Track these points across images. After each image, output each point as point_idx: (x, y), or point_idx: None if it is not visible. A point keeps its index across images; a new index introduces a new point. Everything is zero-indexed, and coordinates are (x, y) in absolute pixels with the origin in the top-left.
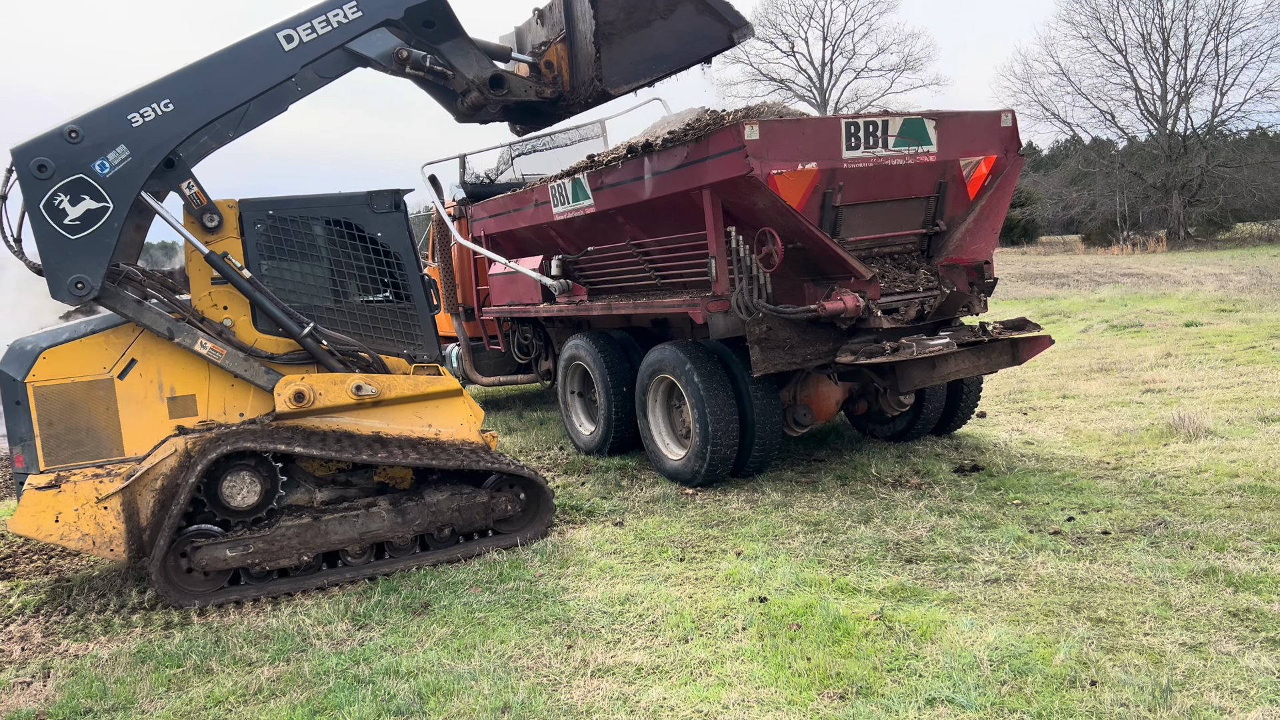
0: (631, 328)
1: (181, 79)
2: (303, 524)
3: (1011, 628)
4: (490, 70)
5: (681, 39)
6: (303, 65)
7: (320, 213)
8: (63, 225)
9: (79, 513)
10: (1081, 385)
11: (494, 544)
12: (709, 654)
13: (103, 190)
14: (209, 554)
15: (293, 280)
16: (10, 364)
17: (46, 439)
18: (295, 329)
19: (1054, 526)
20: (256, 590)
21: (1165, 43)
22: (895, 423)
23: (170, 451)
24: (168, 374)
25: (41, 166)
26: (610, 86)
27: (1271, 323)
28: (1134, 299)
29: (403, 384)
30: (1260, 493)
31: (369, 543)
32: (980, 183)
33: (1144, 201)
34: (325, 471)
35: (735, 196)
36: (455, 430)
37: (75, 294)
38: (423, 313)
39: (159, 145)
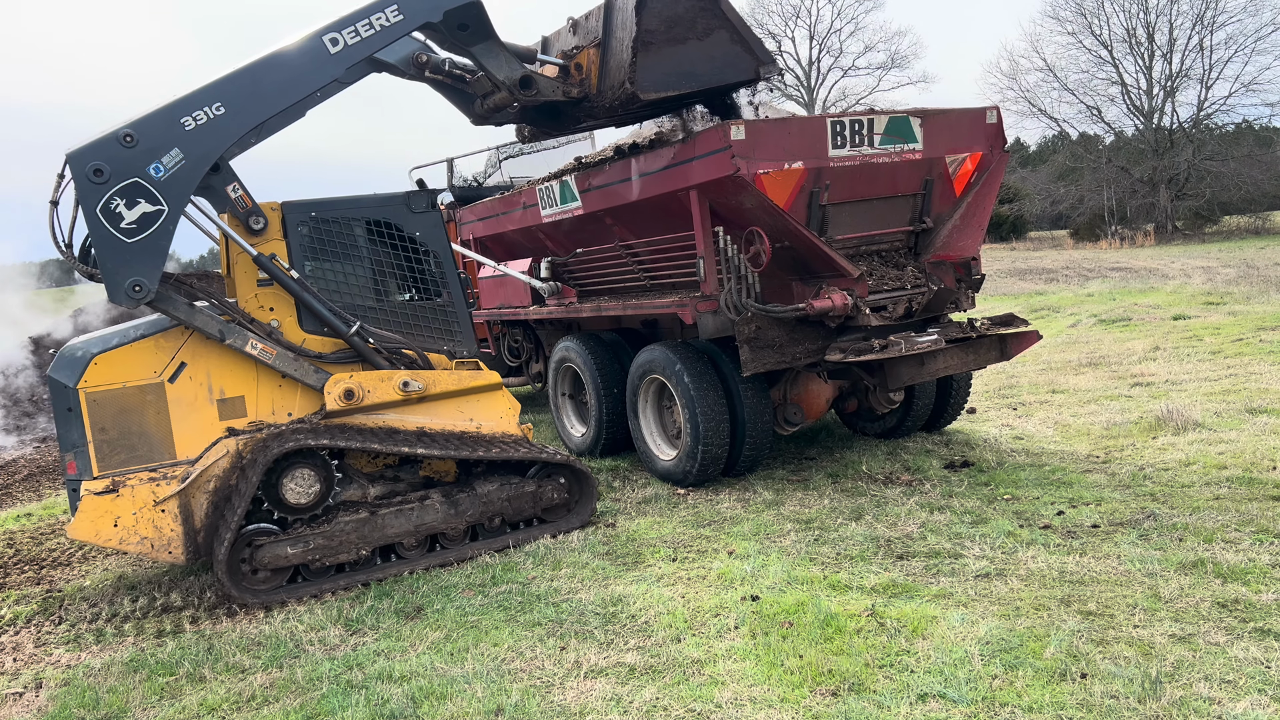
0: (621, 329)
1: (232, 82)
2: (360, 519)
3: (1002, 622)
4: (520, 71)
5: (713, 63)
6: (347, 68)
7: (360, 213)
8: (119, 229)
9: (137, 516)
10: (1070, 380)
11: (542, 531)
12: (702, 653)
13: (158, 193)
14: (270, 552)
15: (335, 280)
16: (61, 371)
17: (99, 445)
18: (343, 328)
19: (1044, 521)
20: (316, 586)
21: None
22: (885, 420)
23: (222, 453)
24: (217, 376)
25: (98, 171)
26: (640, 90)
27: (1259, 315)
28: (1122, 293)
29: (447, 379)
30: (1248, 484)
31: (423, 535)
32: (966, 179)
33: (1131, 196)
34: (373, 468)
35: (722, 196)
36: (496, 423)
37: (133, 297)
38: (460, 309)
39: (211, 148)
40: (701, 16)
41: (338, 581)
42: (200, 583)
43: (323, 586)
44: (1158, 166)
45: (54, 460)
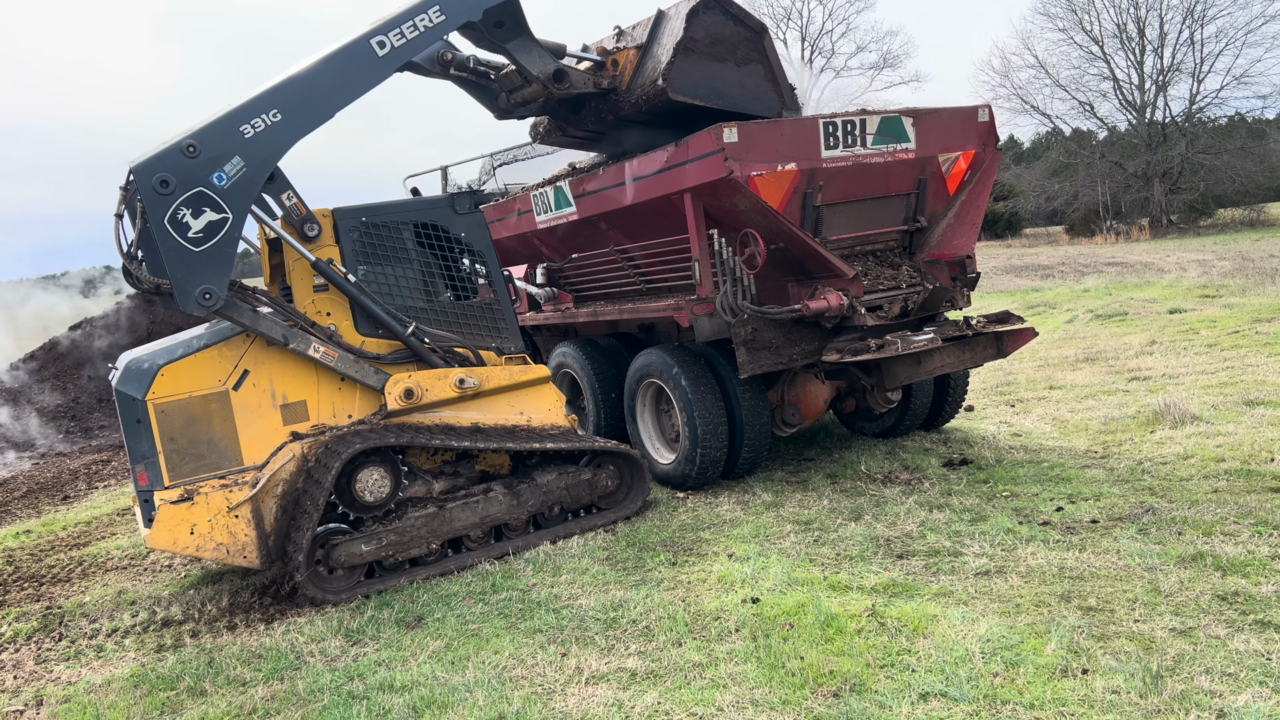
0: (618, 333)
1: (286, 88)
2: (429, 514)
3: (1003, 619)
4: (554, 65)
5: (743, 90)
6: (396, 69)
7: (408, 216)
8: (187, 238)
9: (212, 523)
10: (1068, 375)
11: (600, 519)
12: (703, 657)
13: (222, 202)
14: (346, 550)
15: (387, 283)
16: (128, 383)
17: (169, 454)
18: (399, 329)
19: (1043, 517)
20: (391, 581)
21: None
22: (883, 419)
23: (288, 457)
24: (279, 382)
25: (164, 182)
26: (670, 88)
27: (1254, 307)
28: (1118, 288)
29: (499, 374)
30: (1246, 476)
31: (488, 526)
32: (960, 178)
33: (1126, 191)
34: (432, 464)
35: (716, 199)
36: (545, 415)
37: (204, 304)
38: (506, 307)
39: (270, 154)
40: (744, 46)
41: (410, 575)
42: (200, 596)
43: (397, 581)
44: (1151, 161)
45: (53, 476)
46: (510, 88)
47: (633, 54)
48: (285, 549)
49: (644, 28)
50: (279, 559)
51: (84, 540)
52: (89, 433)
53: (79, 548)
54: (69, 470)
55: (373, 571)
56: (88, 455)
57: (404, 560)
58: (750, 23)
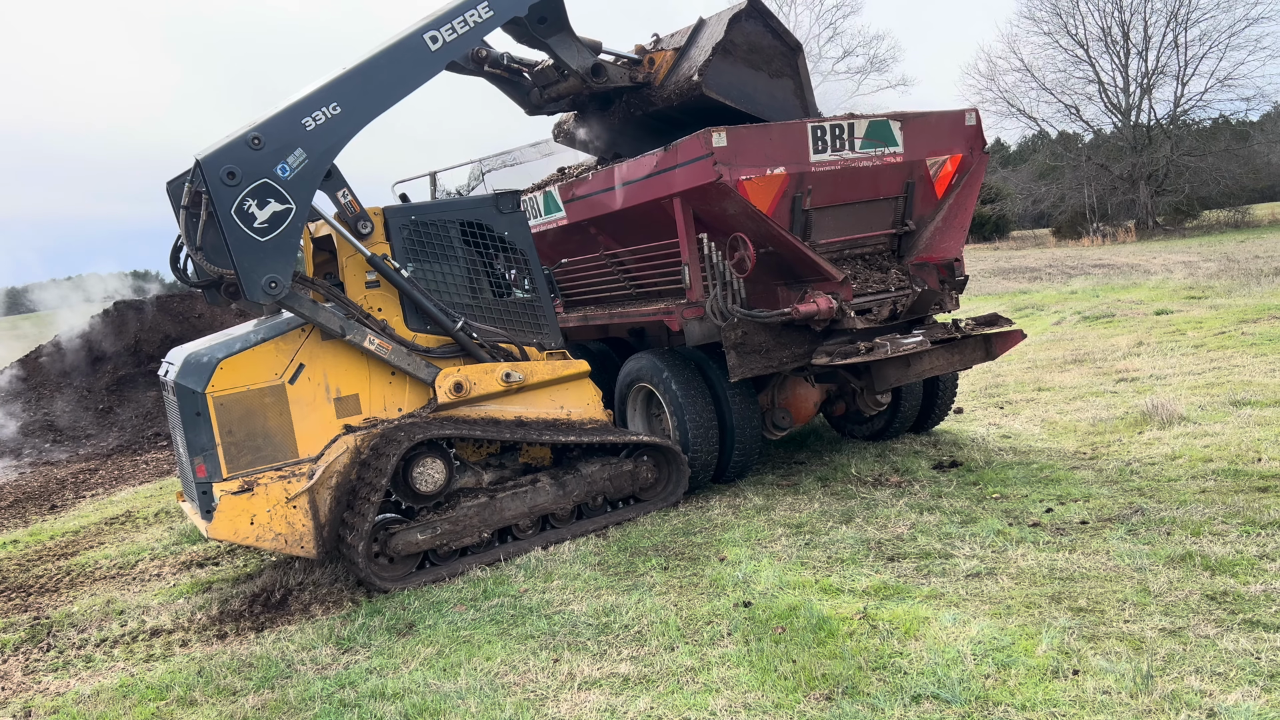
0: (609, 338)
1: (345, 82)
2: (480, 503)
3: (994, 621)
4: (592, 60)
5: (772, 101)
6: (446, 64)
7: (454, 215)
8: (253, 229)
9: (271, 514)
10: (1056, 377)
11: (641, 509)
12: (695, 661)
13: (286, 192)
14: (403, 539)
15: (434, 279)
16: (188, 377)
17: (227, 447)
18: (449, 324)
19: (1033, 518)
20: (446, 569)
21: (1125, 35)
22: (873, 422)
23: (342, 449)
24: (333, 376)
25: (231, 174)
26: (705, 84)
27: (1240, 308)
28: (1105, 290)
29: (543, 369)
30: (1234, 476)
31: (536, 516)
32: (947, 181)
33: (1112, 193)
34: (479, 456)
35: (705, 203)
36: (584, 409)
37: (270, 293)
38: (546, 303)
39: (331, 146)
40: (779, 59)
41: (464, 564)
42: (190, 605)
43: (452, 569)
44: (1137, 163)
45: (39, 486)
46: (545, 83)
47: (670, 55)
48: (341, 539)
49: (683, 34)
50: (334, 549)
51: (72, 550)
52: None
53: (67, 557)
54: (56, 479)
55: (424, 562)
56: (75, 464)
57: (457, 549)
58: (788, 39)
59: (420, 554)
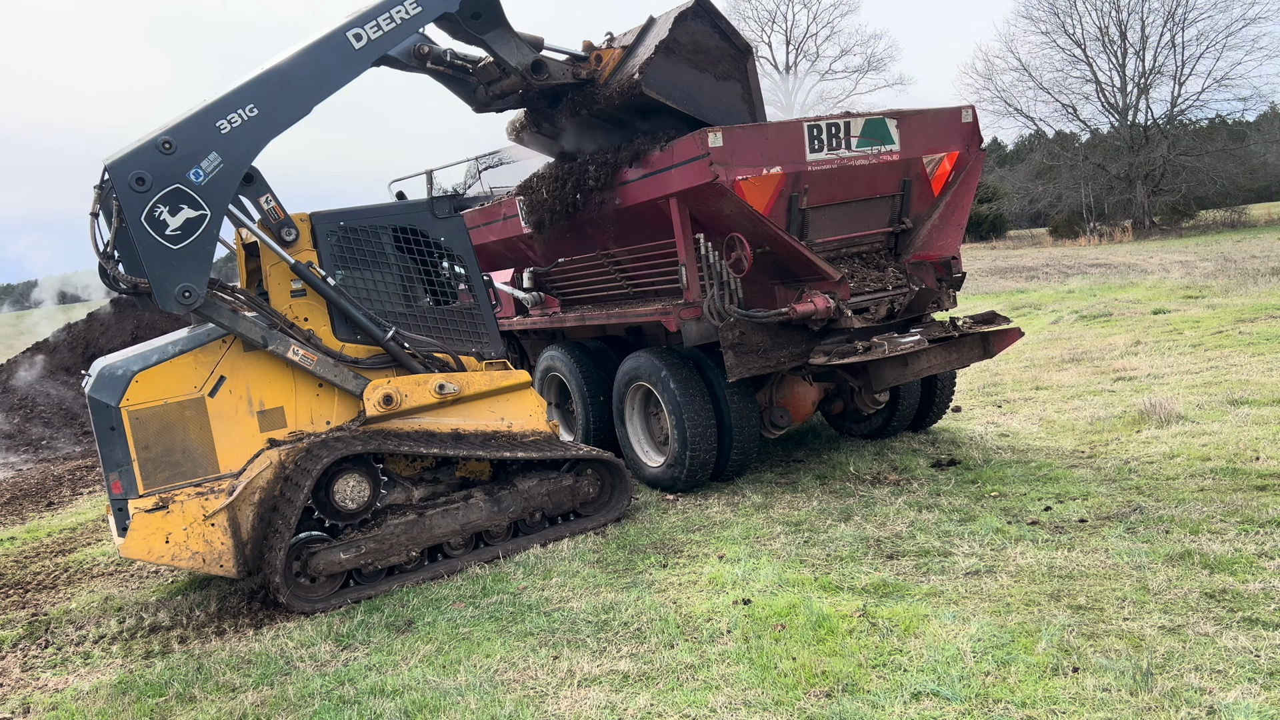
0: (606, 337)
1: (262, 83)
2: (408, 521)
3: (993, 619)
4: (532, 56)
5: (718, 104)
6: (372, 62)
7: (386, 221)
8: (164, 236)
9: (188, 531)
10: (1054, 376)
11: (582, 525)
12: (695, 658)
13: (199, 198)
14: (324, 558)
15: (365, 287)
16: (102, 390)
17: (144, 462)
18: (379, 334)
19: (1031, 517)
20: (370, 589)
21: (1123, 35)
22: (871, 420)
23: (265, 464)
24: (256, 388)
25: (140, 179)
26: (645, 83)
27: (1237, 308)
28: (1102, 289)
29: (480, 380)
30: (1232, 475)
31: (469, 533)
32: (944, 179)
33: (1109, 192)
34: (412, 470)
35: (702, 203)
36: (525, 421)
37: (183, 302)
38: (486, 311)
39: (248, 150)
40: (726, 61)
41: (390, 584)
42: (188, 602)
43: (376, 589)
44: (1134, 163)
45: (36, 483)
46: (488, 80)
47: (618, 53)
48: (263, 558)
49: (634, 33)
50: (256, 568)
51: (69, 547)
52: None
53: (64, 554)
54: (53, 476)
55: (348, 581)
56: (72, 461)
57: (384, 568)
58: (736, 41)
59: (344, 574)
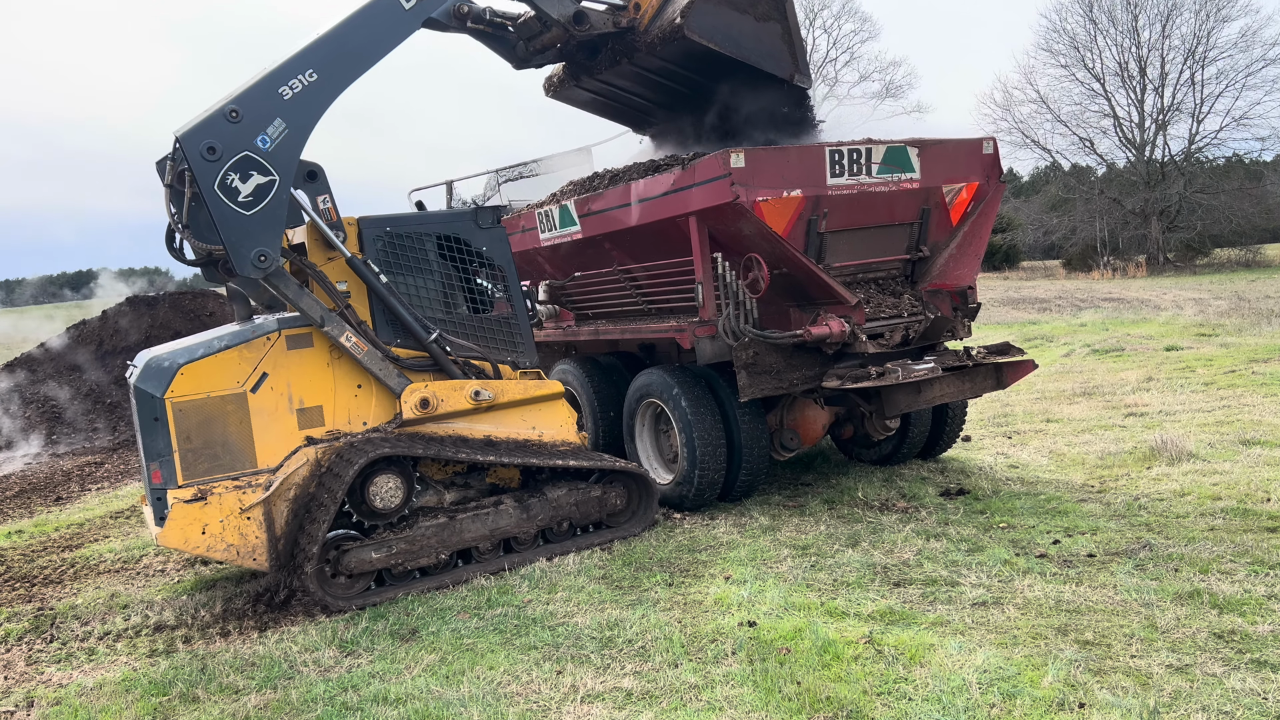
0: (619, 353)
1: (320, 48)
2: (439, 524)
3: (999, 650)
4: (573, 8)
5: (759, 45)
6: (423, 22)
7: (432, 228)
8: (237, 203)
9: (224, 524)
10: (1065, 409)
11: (609, 536)
12: (699, 679)
13: (268, 164)
14: (356, 557)
15: (408, 292)
16: (148, 381)
17: (184, 453)
18: (424, 335)
19: (1040, 549)
20: (401, 589)
21: (1142, 71)
22: (881, 446)
23: (302, 461)
24: (297, 386)
25: (211, 149)
26: (688, 27)
27: (1251, 347)
28: (1115, 323)
29: (514, 388)
30: (1242, 515)
31: (498, 539)
32: (963, 209)
33: (1123, 227)
34: (444, 474)
35: (721, 223)
36: (556, 431)
37: (260, 266)
38: (523, 322)
39: (311, 114)
40: (765, 1)
41: (419, 585)
42: (194, 602)
43: (407, 589)
44: (1149, 198)
45: (45, 477)
46: (529, 35)
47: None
48: (294, 553)
49: None
50: (288, 563)
51: (76, 542)
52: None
53: (71, 549)
54: (61, 471)
55: (381, 580)
56: (81, 457)
57: (412, 569)
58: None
59: (375, 572)
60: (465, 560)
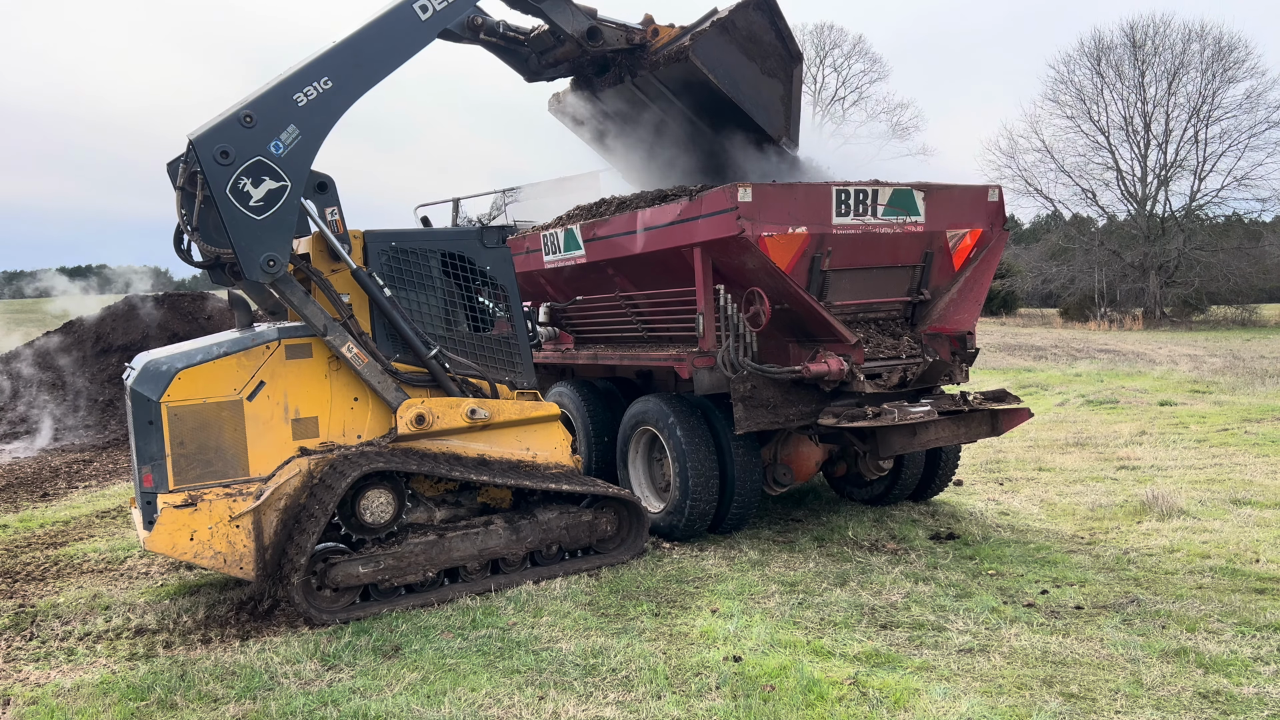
0: (616, 378)
1: (336, 55)
2: (429, 541)
3: (984, 699)
4: (588, 23)
5: (757, 96)
6: (439, 33)
7: (436, 245)
8: (249, 207)
9: (213, 531)
10: (1057, 458)
11: (598, 561)
12: (682, 712)
13: (280, 170)
14: (343, 571)
15: (409, 308)
16: (145, 384)
17: (177, 458)
18: (424, 350)
19: (1028, 599)
20: (386, 605)
21: (1147, 127)
22: (873, 486)
23: (294, 472)
24: (294, 396)
25: (224, 153)
26: (693, 51)
27: (1244, 406)
28: (1110, 375)
29: (510, 408)
30: (1231, 575)
31: (486, 559)
32: (965, 254)
33: (1122, 279)
34: (435, 491)
35: (726, 256)
36: (550, 453)
37: (269, 271)
38: (523, 342)
39: (324, 121)
40: (775, 59)
41: (405, 601)
42: (176, 606)
43: (392, 605)
44: (1149, 252)
45: (32, 473)
46: (542, 49)
47: (675, 30)
48: (281, 564)
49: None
50: (275, 574)
51: (61, 540)
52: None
53: (55, 547)
54: (50, 467)
55: (366, 595)
56: (70, 454)
57: (399, 585)
58: (790, 45)
59: (360, 587)
60: (452, 579)
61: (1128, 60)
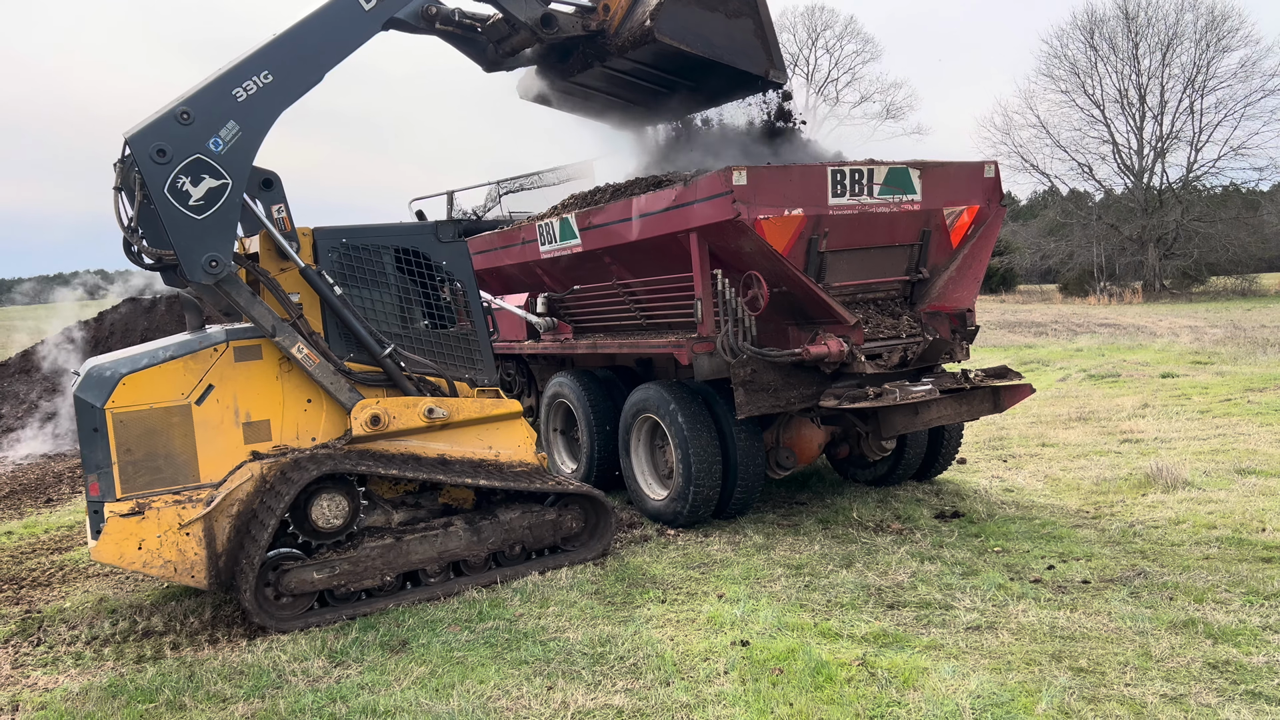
0: (616, 367)
1: (276, 49)
2: (385, 544)
3: (993, 676)
4: (541, 10)
5: (731, 42)
6: (381, 25)
7: (389, 241)
8: (188, 207)
9: (162, 539)
10: (1060, 434)
11: (562, 560)
12: (691, 698)
13: (220, 168)
14: (297, 577)
15: (363, 305)
16: (88, 390)
17: (124, 466)
18: (377, 349)
19: (1034, 574)
20: (344, 611)
21: (1142, 99)
22: (877, 467)
23: (246, 476)
24: (244, 399)
25: (160, 151)
26: (657, 29)
27: (1246, 376)
28: (1111, 349)
29: (470, 407)
30: (1238, 545)
31: (446, 561)
32: (963, 232)
33: (1120, 253)
34: (394, 493)
35: (722, 240)
36: (513, 451)
37: (211, 272)
38: (483, 338)
39: (265, 117)
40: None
41: (363, 607)
42: (183, 608)
43: (352, 611)
44: (1147, 225)
45: (36, 479)
46: (498, 38)
47: (625, 2)
48: (235, 572)
49: None
50: (229, 582)
51: (66, 545)
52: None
53: (60, 552)
54: (53, 473)
55: (324, 600)
56: (73, 459)
57: (358, 590)
58: None
59: (316, 594)
60: (414, 583)
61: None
